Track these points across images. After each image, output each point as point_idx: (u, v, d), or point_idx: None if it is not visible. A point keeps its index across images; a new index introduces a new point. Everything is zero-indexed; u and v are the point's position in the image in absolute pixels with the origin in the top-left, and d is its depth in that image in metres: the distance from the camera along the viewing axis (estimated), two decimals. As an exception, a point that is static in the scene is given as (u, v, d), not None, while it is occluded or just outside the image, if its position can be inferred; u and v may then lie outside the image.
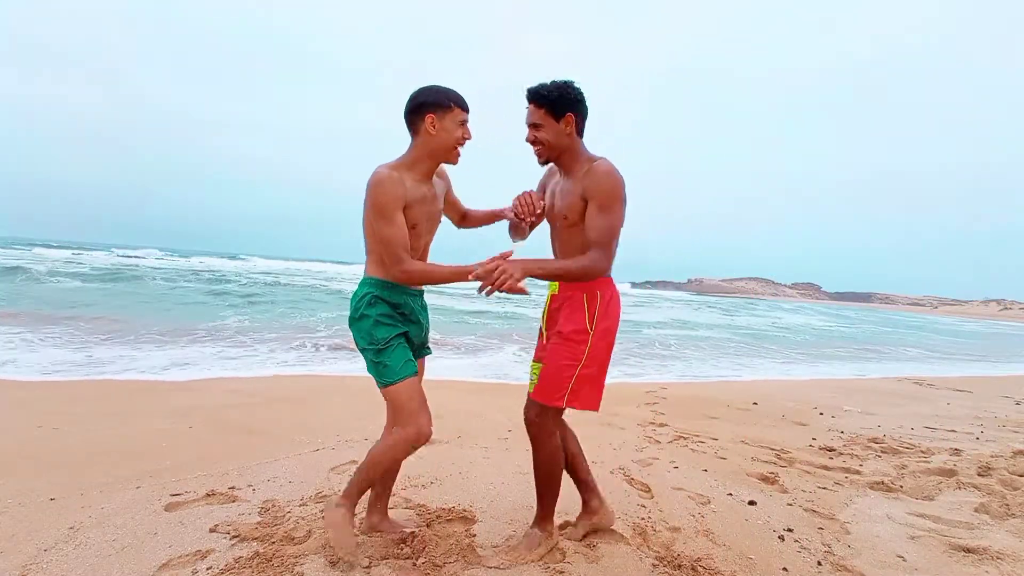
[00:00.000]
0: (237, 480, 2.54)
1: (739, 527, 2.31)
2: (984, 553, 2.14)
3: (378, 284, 1.85)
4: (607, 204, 1.83)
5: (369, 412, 3.96)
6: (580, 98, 1.87)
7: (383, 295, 1.85)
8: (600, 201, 1.83)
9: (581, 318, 1.92)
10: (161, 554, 1.86)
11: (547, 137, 1.88)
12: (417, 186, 1.82)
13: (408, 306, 1.91)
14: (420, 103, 1.78)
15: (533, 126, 1.89)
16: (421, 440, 1.85)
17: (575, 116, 1.86)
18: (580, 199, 1.87)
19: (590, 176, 1.85)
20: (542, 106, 1.86)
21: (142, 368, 5.32)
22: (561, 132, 1.87)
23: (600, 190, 1.83)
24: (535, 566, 1.88)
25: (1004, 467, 3.24)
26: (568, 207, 1.90)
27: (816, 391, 6.28)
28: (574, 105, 1.85)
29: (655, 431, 3.93)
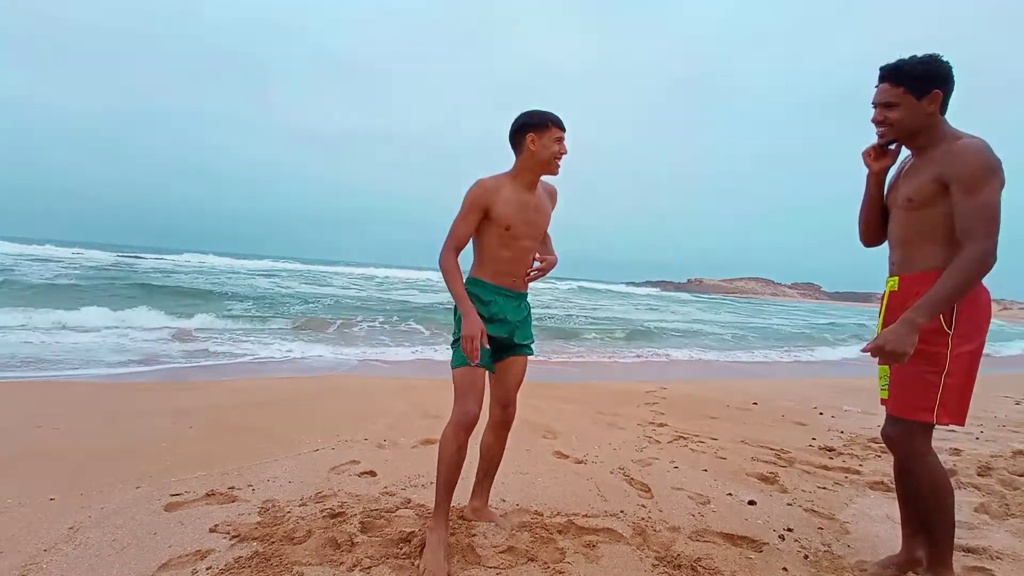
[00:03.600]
0: (237, 480, 2.54)
1: (739, 527, 2.31)
2: (984, 553, 2.14)
3: (473, 281, 2.09)
4: (973, 185, 1.60)
5: (369, 412, 3.96)
6: (948, 73, 1.69)
7: (475, 291, 2.06)
8: (965, 183, 1.60)
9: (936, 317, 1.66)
10: (161, 554, 1.86)
11: (900, 117, 1.72)
12: (517, 193, 2.04)
13: (498, 304, 2.07)
14: (522, 124, 2.03)
15: (884, 105, 1.75)
16: (466, 420, 1.95)
17: (942, 92, 1.69)
18: (934, 181, 1.67)
19: (950, 156, 1.64)
20: (901, 84, 1.70)
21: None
22: (922, 111, 1.70)
23: (964, 170, 1.61)
24: (535, 566, 1.88)
25: (1004, 467, 3.24)
26: (915, 189, 1.71)
27: (816, 391, 6.28)
28: (941, 81, 1.68)
29: (655, 431, 3.93)
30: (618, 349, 10.03)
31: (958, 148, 1.64)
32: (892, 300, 1.83)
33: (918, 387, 1.67)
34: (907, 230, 1.78)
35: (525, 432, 3.67)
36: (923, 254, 1.75)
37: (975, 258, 1.59)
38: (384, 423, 3.70)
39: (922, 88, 1.69)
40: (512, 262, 2.07)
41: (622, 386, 6.04)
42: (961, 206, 1.62)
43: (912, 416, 1.68)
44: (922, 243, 1.74)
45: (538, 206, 2.10)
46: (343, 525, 2.08)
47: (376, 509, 2.24)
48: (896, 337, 1.58)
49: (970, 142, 1.64)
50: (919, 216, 1.73)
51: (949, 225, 1.68)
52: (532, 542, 2.03)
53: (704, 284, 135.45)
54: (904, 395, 1.70)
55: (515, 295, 2.12)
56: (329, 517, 2.14)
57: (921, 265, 1.75)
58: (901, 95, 1.72)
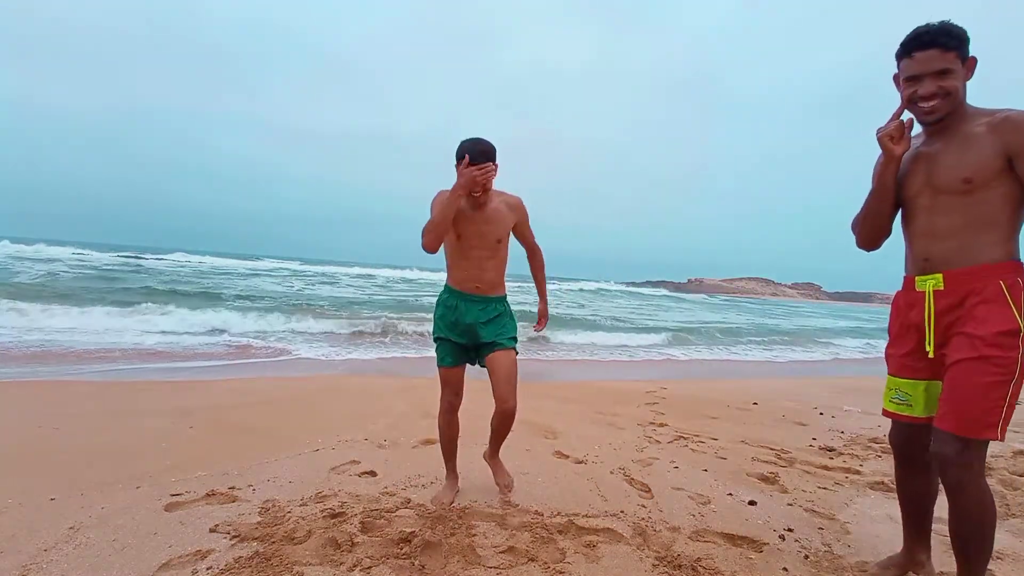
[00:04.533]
0: (237, 480, 2.54)
1: (739, 527, 2.31)
2: (984, 553, 2.14)
3: (444, 287, 2.43)
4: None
5: (369, 412, 3.96)
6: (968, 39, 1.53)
7: (443, 296, 2.42)
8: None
9: (1008, 315, 1.45)
10: (161, 554, 1.86)
11: (957, 85, 1.52)
12: (465, 206, 2.25)
13: (459, 309, 2.36)
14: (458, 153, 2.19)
15: (939, 74, 1.52)
16: (449, 407, 2.46)
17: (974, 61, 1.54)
18: (997, 157, 1.47)
19: (1011, 126, 1.46)
20: (952, 48, 1.50)
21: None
22: (965, 80, 1.54)
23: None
24: (535, 566, 1.88)
25: (1004, 467, 3.23)
26: (975, 167, 1.49)
27: (816, 391, 6.27)
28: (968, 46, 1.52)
29: (655, 431, 3.93)
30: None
31: (1018, 118, 1.46)
32: (939, 300, 1.58)
33: (986, 400, 1.45)
34: (958, 217, 1.54)
35: (525, 432, 3.67)
36: (983, 243, 1.52)
37: None
38: (384, 423, 3.70)
39: (966, 53, 1.52)
40: (470, 270, 2.35)
41: (622, 386, 6.04)
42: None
43: (977, 435, 1.46)
44: (981, 231, 1.52)
45: (488, 218, 2.30)
46: (343, 525, 2.08)
47: (376, 509, 2.24)
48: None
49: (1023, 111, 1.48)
50: (977, 199, 1.51)
51: (1011, 208, 1.50)
52: (532, 542, 2.03)
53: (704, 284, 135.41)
54: (968, 410, 1.47)
55: (479, 299, 2.36)
56: (329, 517, 2.14)
57: (982, 257, 1.51)
58: (953, 60, 1.51)
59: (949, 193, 1.56)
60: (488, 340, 2.36)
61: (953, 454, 1.50)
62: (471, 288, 2.36)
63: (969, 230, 1.54)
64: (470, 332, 2.37)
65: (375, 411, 4.01)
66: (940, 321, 1.59)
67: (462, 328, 2.37)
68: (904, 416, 1.74)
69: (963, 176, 1.52)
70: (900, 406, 1.75)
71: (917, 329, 1.67)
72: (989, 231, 1.52)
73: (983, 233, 1.52)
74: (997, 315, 1.47)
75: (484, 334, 2.36)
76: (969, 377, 1.48)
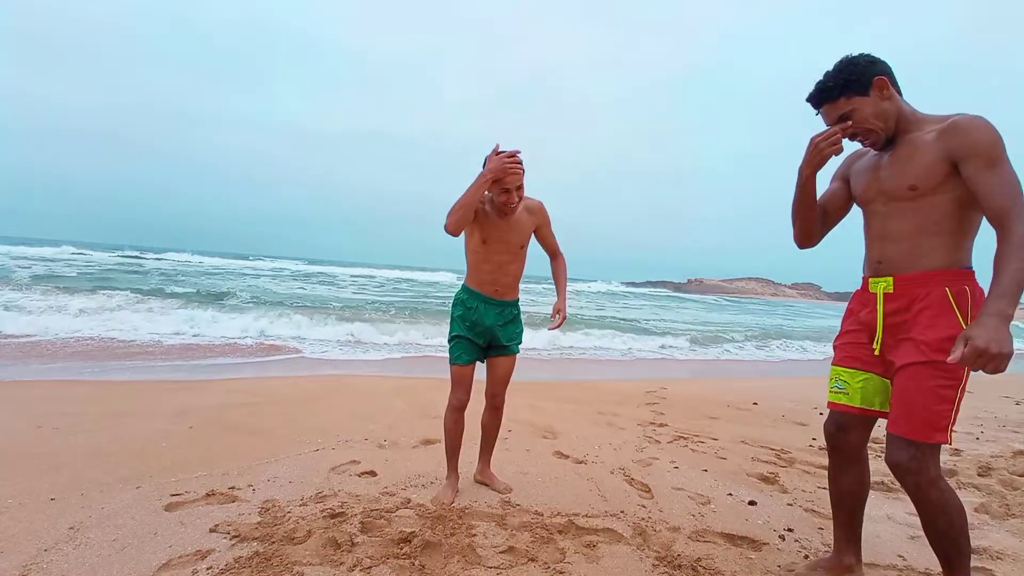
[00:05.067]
0: (237, 480, 2.54)
1: (739, 527, 2.31)
2: (984, 553, 2.14)
3: (463, 288, 2.49)
4: (995, 158, 1.43)
5: (369, 412, 3.96)
6: (873, 59, 1.58)
7: (462, 296, 2.47)
8: (986, 157, 1.43)
9: (953, 322, 1.49)
10: (161, 554, 1.86)
11: (868, 116, 1.58)
12: (491, 212, 2.33)
13: (478, 310, 2.42)
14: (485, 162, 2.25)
15: (841, 120, 1.61)
16: (458, 404, 2.46)
17: (882, 75, 1.57)
18: (942, 161, 1.49)
19: (956, 132, 1.48)
20: (839, 95, 1.59)
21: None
22: (879, 101, 1.58)
23: (980, 144, 1.44)
24: (535, 566, 1.88)
25: (1004, 467, 3.24)
26: (920, 174, 1.52)
27: (816, 391, 6.27)
28: (873, 67, 1.57)
29: (655, 431, 3.93)
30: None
31: (963, 123, 1.48)
32: (888, 303, 1.63)
33: (936, 404, 1.47)
34: (908, 223, 1.58)
35: (525, 432, 3.67)
36: (931, 248, 1.54)
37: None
38: (384, 423, 3.70)
39: (861, 84, 1.58)
40: (492, 273, 2.41)
41: (622, 386, 6.05)
42: (986, 183, 1.43)
43: (927, 438, 1.48)
44: (929, 236, 1.54)
45: (512, 224, 2.37)
46: (343, 525, 2.08)
47: (376, 509, 2.24)
48: (998, 336, 1.31)
49: (971, 116, 1.48)
50: (924, 205, 1.54)
51: (959, 213, 1.51)
52: (532, 542, 2.03)
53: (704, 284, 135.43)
54: (918, 414, 1.49)
55: (497, 302, 2.44)
56: (329, 517, 2.14)
57: (927, 263, 1.55)
58: (848, 101, 1.60)
59: (898, 200, 1.60)
60: (505, 343, 2.48)
61: (907, 459, 1.51)
62: (490, 291, 2.42)
63: (918, 235, 1.57)
64: (488, 333, 2.45)
65: (375, 411, 4.01)
66: (889, 322, 1.63)
67: (481, 329, 2.43)
68: (841, 405, 1.76)
69: (908, 183, 1.56)
70: (839, 395, 1.77)
71: (868, 327, 1.71)
72: (937, 237, 1.54)
73: (932, 238, 1.55)
74: (943, 322, 1.50)
75: (502, 336, 2.46)
76: (918, 382, 1.50)
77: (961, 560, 1.54)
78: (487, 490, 2.57)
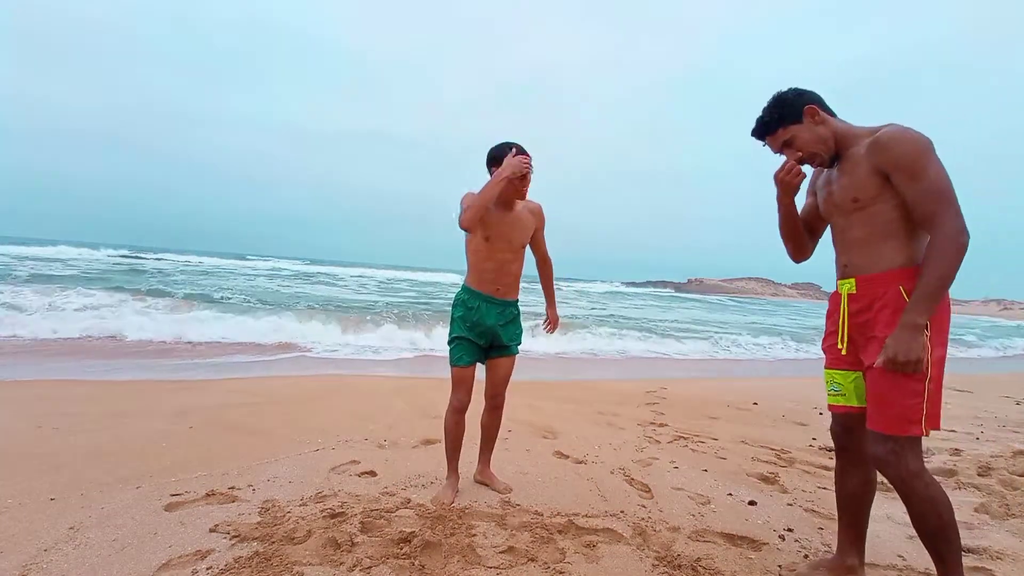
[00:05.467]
0: (237, 480, 2.54)
1: (739, 527, 2.31)
2: (984, 553, 2.14)
3: (463, 288, 2.48)
4: (916, 167, 1.52)
5: (369, 412, 3.96)
6: (799, 91, 1.74)
7: (463, 297, 2.46)
8: (907, 168, 1.53)
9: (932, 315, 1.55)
10: (161, 554, 1.86)
11: (807, 141, 1.72)
12: (494, 208, 2.34)
13: (480, 310, 2.41)
14: (491, 156, 2.34)
15: (785, 147, 1.76)
16: (459, 406, 2.46)
17: (811, 103, 1.71)
18: (873, 175, 1.60)
19: (880, 146, 1.58)
20: (776, 128, 1.75)
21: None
22: (813, 127, 1.71)
23: (901, 155, 1.54)
24: (535, 566, 1.88)
25: (1004, 467, 3.24)
26: (858, 187, 1.64)
27: (816, 391, 6.27)
28: (801, 98, 1.72)
29: (655, 431, 3.93)
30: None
31: (885, 137, 1.58)
32: (852, 303, 1.72)
33: (906, 399, 1.54)
34: (863, 229, 1.68)
35: (525, 432, 3.67)
36: (884, 252, 1.64)
37: (948, 238, 1.47)
38: (384, 423, 3.70)
39: (794, 114, 1.72)
40: (494, 272, 2.41)
41: (622, 386, 6.05)
42: (912, 192, 1.54)
43: (903, 432, 1.54)
44: (881, 241, 1.64)
45: (514, 222, 2.39)
46: (343, 525, 2.08)
47: (376, 509, 2.24)
48: (905, 345, 1.47)
49: (894, 128, 1.58)
50: (870, 214, 1.65)
51: (905, 216, 1.60)
52: (532, 542, 2.03)
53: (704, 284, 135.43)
54: (890, 409, 1.56)
55: (498, 302, 2.44)
56: (329, 517, 2.14)
57: (883, 264, 1.65)
58: (787, 131, 1.74)
59: (848, 212, 1.71)
60: (506, 343, 2.49)
61: (885, 452, 1.58)
62: (492, 290, 2.43)
63: (873, 240, 1.66)
64: (490, 333, 2.45)
65: (375, 411, 4.01)
66: (854, 321, 1.72)
67: (483, 329, 2.43)
68: (841, 407, 1.81)
69: (851, 197, 1.68)
70: (836, 397, 1.82)
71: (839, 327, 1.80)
72: (890, 240, 1.63)
73: (885, 241, 1.64)
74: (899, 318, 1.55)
75: (504, 336, 2.47)
76: (887, 379, 1.57)
77: (952, 555, 1.56)
78: (487, 490, 2.57)
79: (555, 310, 2.76)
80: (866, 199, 1.64)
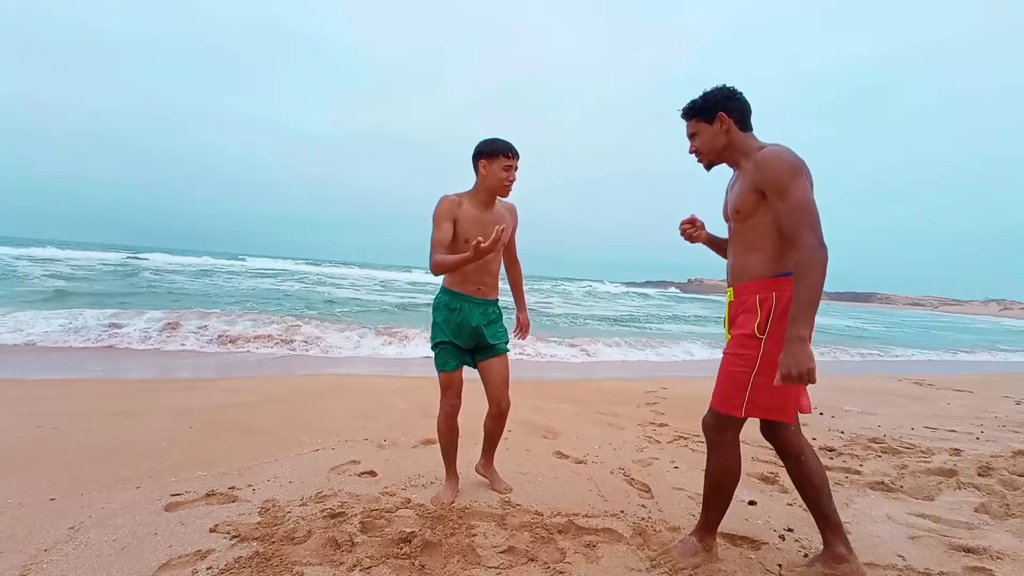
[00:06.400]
0: (237, 480, 2.54)
1: (739, 527, 2.31)
2: (984, 553, 2.14)
3: (443, 290, 2.42)
4: (783, 189, 1.70)
5: (369, 412, 3.96)
6: (729, 95, 1.88)
7: (444, 299, 2.40)
8: (776, 188, 1.72)
9: (751, 322, 1.81)
10: (161, 554, 1.86)
11: (701, 142, 1.94)
12: (475, 208, 2.31)
13: (463, 311, 2.37)
14: (477, 151, 2.30)
15: (692, 136, 1.97)
16: (451, 411, 2.43)
17: (727, 112, 1.87)
18: (752, 191, 1.79)
19: (757, 165, 1.79)
20: (692, 117, 1.94)
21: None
22: (717, 133, 1.90)
23: (772, 177, 1.72)
24: (535, 566, 1.88)
25: (1004, 467, 3.23)
26: (739, 201, 1.84)
27: (816, 391, 6.26)
28: (723, 103, 1.88)
29: (655, 431, 3.93)
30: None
31: (762, 157, 1.76)
32: (731, 309, 1.93)
33: (731, 385, 1.83)
34: (740, 242, 1.88)
35: (525, 432, 3.68)
36: (752, 263, 1.84)
37: (807, 255, 1.64)
38: (384, 423, 3.70)
39: (708, 115, 1.90)
40: (475, 271, 2.36)
41: (622, 386, 6.05)
42: (779, 211, 1.73)
43: (725, 410, 1.85)
44: (751, 252, 1.84)
45: (494, 221, 2.33)
46: (343, 525, 2.08)
47: (376, 509, 2.24)
48: (793, 359, 1.62)
49: (771, 149, 1.76)
50: (749, 226, 1.84)
51: (775, 232, 1.78)
52: (532, 542, 2.03)
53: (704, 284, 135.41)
54: (722, 392, 1.86)
55: (480, 301, 2.41)
56: (329, 517, 2.14)
57: (749, 275, 1.85)
58: (695, 125, 1.94)
59: (735, 221, 1.91)
60: (492, 342, 2.44)
61: (712, 421, 1.90)
62: (472, 290, 2.39)
63: (746, 252, 1.87)
64: (475, 335, 2.41)
65: (375, 411, 4.01)
66: (731, 323, 1.95)
67: (468, 330, 2.39)
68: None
69: (735, 208, 1.86)
70: None
71: None
72: (758, 252, 1.83)
73: (754, 254, 1.84)
74: (748, 323, 1.81)
75: (488, 335, 2.43)
76: (725, 367, 1.86)
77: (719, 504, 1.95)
78: (487, 490, 2.57)
79: (526, 314, 2.72)
80: (746, 212, 1.83)
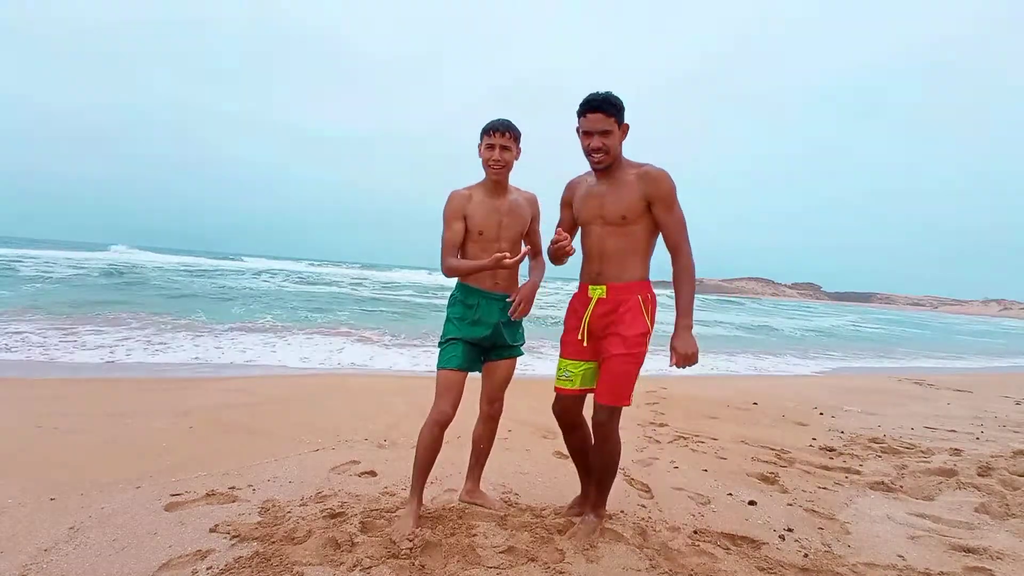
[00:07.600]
0: (237, 480, 2.54)
1: (739, 527, 2.31)
2: (984, 553, 2.14)
3: (459, 286, 2.31)
4: (671, 203, 2.00)
5: (369, 412, 3.96)
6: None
7: (460, 295, 2.28)
8: (666, 202, 1.99)
9: (643, 321, 2.03)
10: (161, 554, 1.86)
11: (613, 143, 1.99)
12: (485, 198, 2.24)
13: (481, 307, 2.25)
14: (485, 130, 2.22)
15: (603, 133, 1.98)
16: (441, 419, 2.17)
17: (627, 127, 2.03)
18: (641, 200, 1.99)
19: (649, 179, 1.99)
20: (612, 114, 1.97)
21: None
22: (621, 139, 2.02)
23: (664, 192, 1.98)
24: (535, 566, 1.88)
25: (1004, 467, 3.23)
26: (627, 208, 2.01)
27: (816, 391, 6.28)
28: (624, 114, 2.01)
29: (655, 431, 3.93)
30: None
31: (655, 173, 1.98)
32: (599, 306, 2.07)
33: (626, 382, 2.02)
34: (619, 244, 2.05)
35: (525, 432, 3.68)
36: (631, 265, 2.05)
37: (689, 261, 2.01)
38: (384, 423, 3.70)
39: (621, 117, 2.00)
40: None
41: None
42: (666, 222, 2.00)
43: (619, 403, 2.03)
44: (630, 256, 2.05)
45: (509, 209, 2.26)
46: (343, 525, 2.08)
47: (376, 509, 2.24)
48: (689, 344, 1.97)
49: (659, 169, 1.99)
50: (628, 231, 2.03)
51: (650, 239, 2.06)
52: (532, 542, 2.03)
53: (704, 284, 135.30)
54: (616, 388, 2.01)
55: (498, 296, 2.26)
56: (329, 517, 2.14)
57: (628, 276, 2.05)
58: (611, 123, 1.97)
59: (613, 224, 2.05)
60: (511, 343, 2.32)
61: (606, 418, 2.05)
62: (488, 284, 2.24)
63: (625, 254, 2.05)
64: (495, 332, 2.25)
65: (375, 411, 4.01)
66: (598, 320, 2.08)
67: (486, 328, 2.23)
68: (567, 390, 2.19)
69: (621, 214, 2.02)
70: (565, 382, 2.18)
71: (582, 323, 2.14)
72: (636, 256, 2.05)
73: (633, 257, 2.05)
74: (638, 322, 2.02)
75: (508, 336, 2.30)
76: (620, 367, 2.01)
77: (608, 482, 2.17)
78: (486, 490, 2.56)
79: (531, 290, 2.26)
80: (632, 218, 2.01)
